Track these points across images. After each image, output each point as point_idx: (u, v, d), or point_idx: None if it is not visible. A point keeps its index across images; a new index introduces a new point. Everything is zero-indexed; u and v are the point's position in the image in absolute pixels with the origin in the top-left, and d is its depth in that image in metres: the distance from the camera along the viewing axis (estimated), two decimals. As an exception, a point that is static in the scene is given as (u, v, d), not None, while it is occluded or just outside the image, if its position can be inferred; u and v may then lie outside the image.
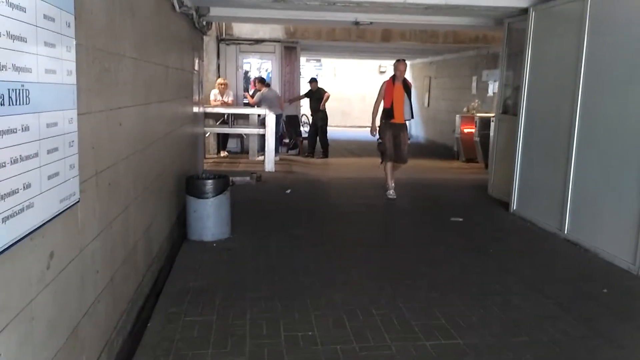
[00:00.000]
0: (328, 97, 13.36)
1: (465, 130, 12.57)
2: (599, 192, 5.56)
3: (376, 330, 3.68)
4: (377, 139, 8.21)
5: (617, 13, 5.40)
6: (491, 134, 9.35)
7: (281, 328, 3.65)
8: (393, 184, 8.17)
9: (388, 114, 8.03)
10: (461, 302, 4.20)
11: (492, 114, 9.64)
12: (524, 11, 7.16)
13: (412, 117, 8.28)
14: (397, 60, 8.18)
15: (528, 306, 4.19)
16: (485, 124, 10.98)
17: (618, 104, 5.30)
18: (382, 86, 8.21)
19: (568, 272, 5.09)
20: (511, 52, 8.10)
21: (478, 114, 12.07)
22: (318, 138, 13.28)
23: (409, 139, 8.42)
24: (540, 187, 6.74)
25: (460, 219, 6.83)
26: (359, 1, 7.12)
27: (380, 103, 8.18)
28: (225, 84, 12.06)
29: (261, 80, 12.52)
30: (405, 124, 8.18)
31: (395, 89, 8.02)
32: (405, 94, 8.05)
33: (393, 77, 8.11)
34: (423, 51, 16.26)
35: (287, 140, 13.45)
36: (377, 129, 8.18)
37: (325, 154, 13.20)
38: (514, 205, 7.30)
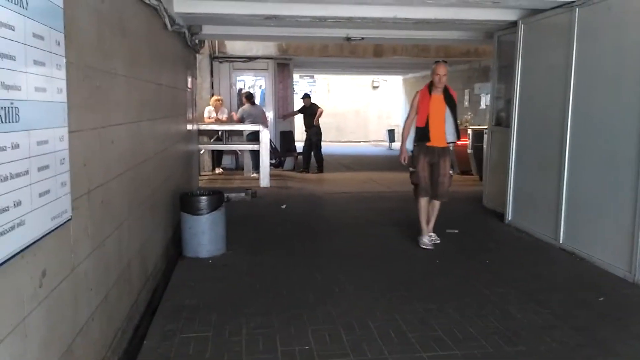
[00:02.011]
0: (321, 113, 13.43)
1: (459, 143, 12.60)
2: (593, 201, 5.58)
3: (373, 343, 3.66)
4: (410, 168, 6.25)
5: (605, 23, 5.46)
6: (484, 146, 9.40)
7: (278, 343, 3.64)
8: (430, 228, 6.28)
9: (423, 134, 6.04)
10: (458, 313, 4.19)
11: (485, 127, 9.69)
12: (513, 24, 7.24)
13: (458, 138, 6.24)
14: (436, 62, 6.15)
15: (524, 316, 4.18)
16: (478, 136, 11.03)
17: (609, 111, 5.34)
18: (414, 97, 6.23)
19: (564, 281, 5.09)
20: (502, 64, 8.17)
21: (471, 127, 12.13)
22: (312, 153, 13.32)
23: (452, 169, 6.42)
24: (534, 198, 6.76)
25: (456, 231, 6.84)
26: (349, 17, 7.18)
27: (412, 120, 6.17)
28: (221, 101, 12.10)
29: (247, 96, 12.38)
30: (447, 148, 6.13)
31: (432, 102, 6.03)
32: (448, 108, 6.07)
33: (430, 85, 6.11)
34: (415, 65, 16.38)
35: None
36: (410, 154, 6.21)
37: (320, 169, 13.23)
38: (509, 216, 7.31)
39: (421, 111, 6.07)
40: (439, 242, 6.24)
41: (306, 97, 13.73)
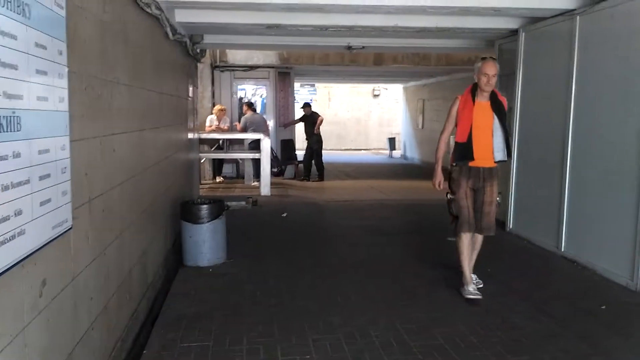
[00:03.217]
0: (322, 121, 13.47)
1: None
2: (595, 209, 5.57)
3: (375, 352, 3.64)
4: (447, 194, 4.94)
5: (607, 31, 5.46)
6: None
7: (278, 353, 3.62)
8: (470, 268, 4.92)
9: (464, 151, 4.71)
10: (460, 322, 4.17)
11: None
12: (514, 32, 7.26)
13: (510, 156, 4.89)
14: (483, 59, 4.83)
15: (528, 325, 4.16)
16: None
17: (611, 119, 5.34)
18: (453, 104, 4.85)
19: (566, 290, 5.07)
20: (503, 73, 8.13)
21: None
22: (313, 161, 13.33)
23: (500, 194, 4.93)
24: (535, 206, 6.75)
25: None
26: (350, 26, 7.20)
27: (449, 133, 4.90)
28: (224, 110, 12.12)
29: (249, 104, 12.55)
30: (495, 169, 4.78)
31: (477, 110, 4.69)
32: (497, 118, 4.70)
33: (473, 89, 4.77)
34: (416, 74, 16.41)
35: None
36: (449, 177, 4.86)
37: (321, 177, 13.23)
38: (511, 224, 7.29)
39: (462, 122, 4.73)
40: (481, 285, 4.91)
41: (307, 105, 13.79)
